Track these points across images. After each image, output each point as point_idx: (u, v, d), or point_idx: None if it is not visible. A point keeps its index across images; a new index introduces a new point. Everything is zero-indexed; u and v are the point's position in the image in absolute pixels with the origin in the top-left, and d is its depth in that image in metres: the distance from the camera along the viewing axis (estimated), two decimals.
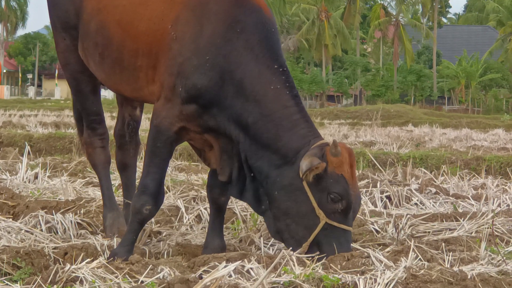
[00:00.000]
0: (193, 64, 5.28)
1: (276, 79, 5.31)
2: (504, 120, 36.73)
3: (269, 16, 5.43)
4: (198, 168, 11.05)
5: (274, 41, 5.40)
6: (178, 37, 5.34)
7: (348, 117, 39.05)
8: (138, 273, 4.64)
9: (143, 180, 5.43)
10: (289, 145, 5.25)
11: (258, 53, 5.31)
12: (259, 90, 5.29)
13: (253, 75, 5.29)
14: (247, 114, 5.29)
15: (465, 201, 8.27)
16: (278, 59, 5.37)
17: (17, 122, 23.22)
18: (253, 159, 5.32)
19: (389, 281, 4.38)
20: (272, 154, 5.28)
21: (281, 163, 5.26)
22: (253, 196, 5.41)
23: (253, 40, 5.32)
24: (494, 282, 4.53)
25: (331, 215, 5.17)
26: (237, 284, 4.29)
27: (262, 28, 5.36)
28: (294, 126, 5.28)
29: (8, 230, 5.97)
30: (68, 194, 7.87)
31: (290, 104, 5.30)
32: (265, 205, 5.37)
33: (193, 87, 5.28)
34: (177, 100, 5.32)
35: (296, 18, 78.06)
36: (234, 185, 5.48)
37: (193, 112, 5.32)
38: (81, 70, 6.12)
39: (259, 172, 5.33)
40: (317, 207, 5.17)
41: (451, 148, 17.96)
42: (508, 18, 78.98)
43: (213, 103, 5.30)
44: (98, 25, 5.76)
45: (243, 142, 5.33)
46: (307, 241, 5.17)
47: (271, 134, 5.27)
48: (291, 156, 5.24)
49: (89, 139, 6.28)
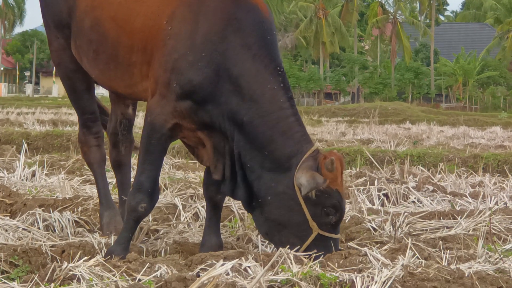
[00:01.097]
0: (189, 60, 5.27)
1: (273, 79, 5.30)
2: (501, 118, 36.72)
3: (266, 15, 5.42)
4: (196, 166, 11.04)
5: (272, 41, 5.39)
6: (173, 33, 5.32)
7: (346, 115, 39.02)
8: (135, 271, 4.63)
9: (137, 177, 5.42)
10: (282, 149, 5.25)
11: (255, 52, 5.29)
12: (256, 89, 5.28)
13: (250, 74, 5.28)
14: (243, 113, 5.28)
15: (463, 199, 8.28)
16: (276, 60, 5.35)
17: (14, 120, 23.19)
18: (246, 158, 5.32)
19: (386, 279, 4.38)
20: (265, 156, 5.27)
21: (274, 167, 5.26)
22: (244, 194, 5.39)
23: (251, 38, 5.30)
24: (492, 280, 4.53)
25: (323, 226, 5.22)
26: (235, 282, 4.29)
27: (260, 27, 5.35)
28: (289, 129, 5.27)
29: (6, 228, 5.97)
30: (65, 192, 7.87)
31: (286, 106, 5.29)
32: (255, 203, 5.37)
33: (188, 83, 5.26)
34: (172, 97, 5.31)
35: (293, 16, 78.07)
36: (227, 183, 5.47)
37: (188, 108, 5.31)
38: (75, 68, 6.10)
39: (251, 171, 5.32)
40: (310, 220, 5.20)
41: (448, 145, 17.97)
42: (505, 16, 78.96)
43: (208, 99, 5.29)
44: (92, 22, 5.75)
45: (238, 140, 5.32)
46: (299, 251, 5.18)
47: (266, 135, 5.26)
48: (283, 161, 5.24)
49: (84, 138, 6.27)
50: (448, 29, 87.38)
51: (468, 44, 77.87)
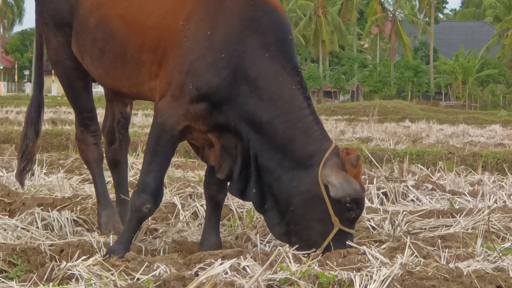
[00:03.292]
0: (207, 62, 5.23)
1: (291, 80, 5.31)
2: (501, 116, 36.72)
3: (284, 16, 5.42)
4: (195, 165, 11.05)
5: (290, 41, 5.40)
6: (190, 34, 5.29)
7: (345, 113, 39.04)
8: (134, 270, 4.63)
9: (143, 178, 5.40)
10: (303, 148, 5.26)
11: (273, 53, 5.29)
12: (275, 90, 5.28)
13: (269, 75, 5.27)
14: (261, 113, 5.27)
15: (462, 198, 8.28)
16: (293, 60, 5.37)
17: (13, 119, 23.20)
18: (264, 159, 5.31)
19: (385, 278, 4.38)
20: (284, 156, 5.28)
21: (294, 166, 5.27)
22: (257, 196, 5.38)
23: (269, 39, 5.30)
24: (490, 278, 4.53)
25: (344, 222, 5.25)
26: (233, 281, 4.29)
27: (278, 28, 5.35)
28: (308, 128, 5.29)
29: (4, 228, 5.97)
30: (64, 191, 7.87)
31: (304, 106, 5.31)
32: (268, 205, 5.37)
33: (206, 84, 5.23)
34: (185, 99, 5.27)
35: (293, 14, 78.00)
36: (235, 183, 5.46)
37: (203, 110, 5.27)
38: (74, 67, 6.08)
39: (269, 172, 5.32)
40: (333, 215, 5.22)
41: (448, 144, 17.97)
42: (505, 14, 78.95)
43: (225, 101, 5.27)
44: (98, 20, 5.71)
45: (254, 140, 5.31)
46: (320, 247, 5.23)
47: (285, 135, 5.27)
48: (305, 159, 5.25)
49: (81, 136, 6.26)
50: (447, 27, 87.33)
51: (467, 42, 77.86)
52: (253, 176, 5.37)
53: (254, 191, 5.38)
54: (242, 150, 5.39)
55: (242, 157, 5.41)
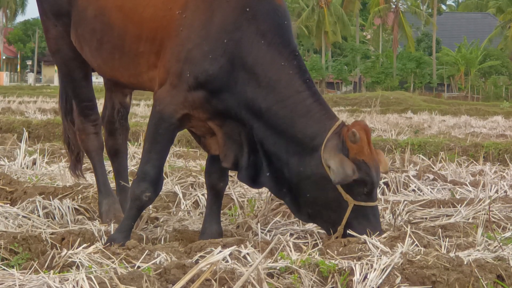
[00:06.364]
0: (204, 50, 5.25)
1: (289, 65, 5.32)
2: (503, 107, 36.71)
3: (280, 2, 5.42)
4: (196, 154, 11.04)
5: (286, 26, 5.39)
6: (187, 23, 5.30)
7: (348, 104, 39.03)
8: (134, 259, 4.64)
9: (143, 166, 5.41)
10: (304, 131, 5.27)
11: (270, 39, 5.30)
12: (272, 76, 5.29)
13: (266, 61, 5.28)
14: (260, 100, 5.29)
15: (463, 188, 8.28)
16: (290, 45, 5.37)
17: (16, 109, 23.21)
18: (270, 145, 5.34)
19: (385, 267, 4.38)
20: (288, 140, 5.30)
21: (299, 150, 5.29)
22: (271, 181, 5.41)
23: (265, 26, 5.30)
24: (490, 268, 4.53)
25: (358, 197, 5.25)
26: (233, 269, 4.29)
27: (274, 15, 5.35)
28: (308, 111, 5.29)
29: (6, 216, 5.98)
30: (65, 180, 7.88)
31: (302, 89, 5.31)
32: (286, 189, 5.39)
33: (203, 73, 5.25)
34: (184, 87, 5.29)
35: (296, 5, 77.91)
36: (245, 170, 5.46)
37: (201, 98, 5.29)
38: (74, 56, 6.08)
39: (277, 158, 5.35)
40: (344, 193, 5.24)
41: (449, 135, 17.96)
42: (507, 5, 78.75)
43: (223, 89, 5.29)
44: (96, 11, 5.72)
45: (257, 128, 5.33)
46: (341, 225, 5.26)
47: (286, 120, 5.28)
48: (307, 142, 5.26)
49: (82, 126, 6.27)
50: (450, 19, 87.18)
51: (470, 34, 77.71)
52: (264, 161, 5.39)
53: (267, 177, 5.40)
54: (246, 137, 5.41)
55: (248, 143, 5.42)
